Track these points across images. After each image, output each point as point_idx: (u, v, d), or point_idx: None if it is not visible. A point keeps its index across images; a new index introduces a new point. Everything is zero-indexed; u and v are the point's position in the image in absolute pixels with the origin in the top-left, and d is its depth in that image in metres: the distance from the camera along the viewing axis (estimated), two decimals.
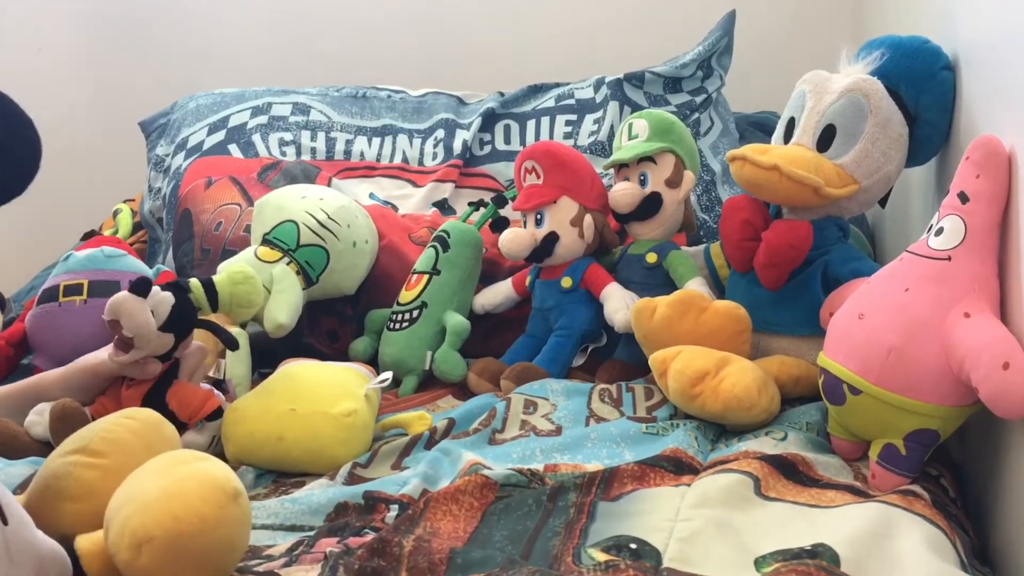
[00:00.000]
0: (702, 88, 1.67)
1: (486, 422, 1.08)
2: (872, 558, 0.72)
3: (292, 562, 0.76)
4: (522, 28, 2.10)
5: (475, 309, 1.42)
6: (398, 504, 0.89)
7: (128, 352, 1.04)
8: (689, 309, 1.12)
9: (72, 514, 0.69)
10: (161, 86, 2.10)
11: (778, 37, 2.00)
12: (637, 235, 1.33)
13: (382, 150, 1.73)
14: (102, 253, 1.41)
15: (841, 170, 1.09)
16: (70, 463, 0.74)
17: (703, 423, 1.03)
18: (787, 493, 0.86)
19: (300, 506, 0.90)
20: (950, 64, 1.10)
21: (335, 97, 1.81)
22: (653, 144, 1.30)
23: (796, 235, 1.10)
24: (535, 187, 1.33)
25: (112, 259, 1.41)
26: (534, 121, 1.70)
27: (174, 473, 0.67)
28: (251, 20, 2.19)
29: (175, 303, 1.07)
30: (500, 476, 0.89)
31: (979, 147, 0.88)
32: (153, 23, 2.21)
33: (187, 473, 0.67)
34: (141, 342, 1.04)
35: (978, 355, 0.79)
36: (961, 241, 0.87)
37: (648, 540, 0.77)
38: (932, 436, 0.87)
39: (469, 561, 0.73)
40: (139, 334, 1.04)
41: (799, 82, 1.15)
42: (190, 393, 1.08)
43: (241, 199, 1.61)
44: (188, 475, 0.67)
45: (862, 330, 0.90)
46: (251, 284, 1.18)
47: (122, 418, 0.79)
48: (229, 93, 1.84)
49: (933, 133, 1.12)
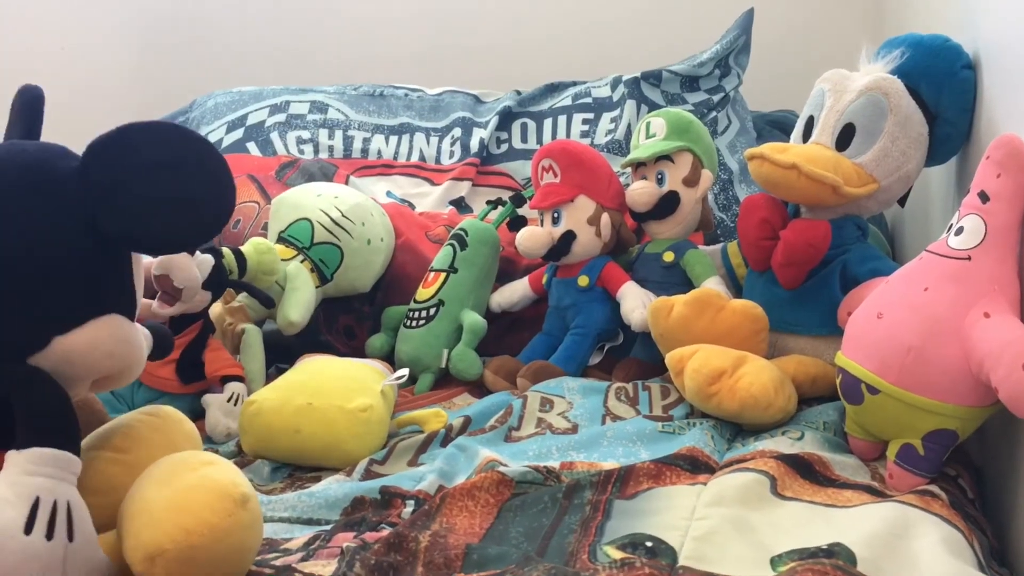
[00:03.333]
0: (720, 87, 1.66)
1: (502, 419, 1.08)
2: (889, 558, 0.72)
3: (309, 556, 0.77)
4: (539, 26, 2.10)
5: (492, 307, 1.42)
6: (414, 500, 0.90)
7: (173, 305, 1.18)
8: (706, 308, 1.11)
9: (95, 507, 0.69)
10: (180, 85, 2.11)
11: (797, 35, 1.98)
12: (654, 234, 1.33)
13: (399, 148, 1.73)
14: None
15: (860, 169, 1.09)
16: (93, 458, 0.74)
17: (719, 422, 1.02)
18: (804, 493, 0.85)
19: (317, 500, 0.91)
20: (971, 63, 1.10)
21: (352, 95, 1.81)
22: (671, 143, 1.30)
23: (815, 234, 1.09)
24: (552, 186, 1.33)
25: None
26: (551, 120, 1.71)
27: (181, 482, 0.68)
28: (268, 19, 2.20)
29: (215, 264, 1.21)
30: (516, 473, 0.89)
31: (1000, 146, 0.87)
32: (172, 23, 2.22)
33: (194, 482, 0.68)
34: (188, 295, 1.17)
35: (998, 355, 0.79)
36: (981, 241, 0.86)
37: (664, 538, 0.77)
38: (951, 436, 0.87)
39: (485, 557, 0.73)
40: (188, 286, 1.17)
41: (818, 80, 1.15)
42: (224, 355, 1.23)
43: (259, 197, 1.62)
44: (195, 485, 0.67)
45: (881, 330, 0.89)
46: (274, 254, 1.32)
47: (144, 415, 0.80)
48: (247, 91, 1.85)
49: (953, 132, 1.11)
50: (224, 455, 1.09)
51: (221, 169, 0.70)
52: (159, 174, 0.68)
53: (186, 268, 1.17)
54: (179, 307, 1.18)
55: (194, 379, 1.21)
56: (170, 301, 1.18)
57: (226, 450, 1.11)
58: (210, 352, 1.22)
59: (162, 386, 1.20)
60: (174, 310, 1.18)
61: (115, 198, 0.68)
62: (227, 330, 1.32)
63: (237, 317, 1.34)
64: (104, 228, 0.68)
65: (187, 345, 1.21)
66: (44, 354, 0.68)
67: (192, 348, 1.21)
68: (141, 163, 0.68)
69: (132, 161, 0.68)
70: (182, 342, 1.21)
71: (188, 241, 0.76)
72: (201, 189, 0.69)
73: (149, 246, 0.74)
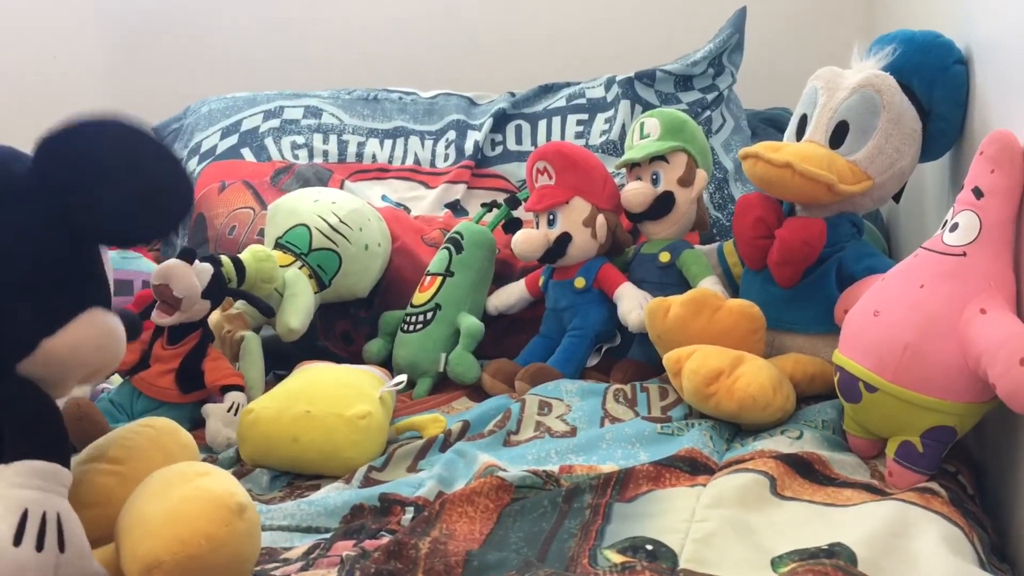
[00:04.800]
0: (713, 85, 1.66)
1: (501, 423, 1.08)
2: (890, 557, 0.72)
3: (309, 566, 0.77)
4: (532, 27, 2.10)
5: (489, 310, 1.42)
6: (414, 506, 0.90)
7: (172, 314, 1.18)
8: (703, 308, 1.11)
9: (90, 519, 0.69)
10: (173, 91, 2.11)
11: (789, 33, 1.99)
12: (650, 234, 1.33)
13: (394, 152, 1.73)
14: (118, 255, 1.45)
15: (854, 166, 1.09)
16: (88, 470, 0.74)
17: (718, 422, 1.02)
18: (803, 492, 0.85)
19: (316, 508, 0.91)
20: (963, 58, 1.10)
21: (346, 100, 1.81)
22: (665, 143, 1.30)
23: (810, 232, 1.09)
24: (547, 188, 1.33)
25: (128, 260, 1.49)
26: (545, 121, 1.70)
27: (176, 494, 0.68)
28: (261, 24, 2.20)
29: (214, 273, 1.20)
30: (515, 478, 0.89)
31: (993, 142, 0.87)
32: (165, 29, 2.22)
33: (190, 493, 0.67)
34: (187, 304, 1.17)
35: (995, 351, 0.79)
36: (976, 237, 0.86)
37: (664, 541, 0.77)
38: (949, 433, 0.87)
39: (485, 563, 0.73)
40: (188, 296, 1.17)
41: (811, 78, 1.15)
42: (224, 364, 1.22)
43: (254, 203, 1.61)
44: (191, 496, 0.67)
45: (877, 327, 0.89)
46: (273, 261, 1.32)
47: (140, 426, 0.80)
48: (241, 97, 1.85)
49: (947, 128, 1.11)
50: (223, 463, 1.09)
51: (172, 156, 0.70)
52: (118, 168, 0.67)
53: (185, 277, 1.17)
54: (178, 316, 1.18)
55: (194, 388, 1.21)
56: (169, 311, 1.18)
57: (226, 457, 1.11)
58: (210, 361, 1.22)
59: (162, 396, 1.20)
60: (173, 319, 1.18)
61: (75, 197, 0.67)
62: (226, 337, 1.32)
63: (236, 324, 1.34)
64: (70, 226, 0.68)
65: (186, 354, 1.21)
66: (33, 358, 0.67)
67: (192, 357, 1.21)
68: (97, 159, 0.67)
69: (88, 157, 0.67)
70: (181, 351, 1.21)
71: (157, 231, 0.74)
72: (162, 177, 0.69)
73: (118, 240, 0.74)
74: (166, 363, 1.20)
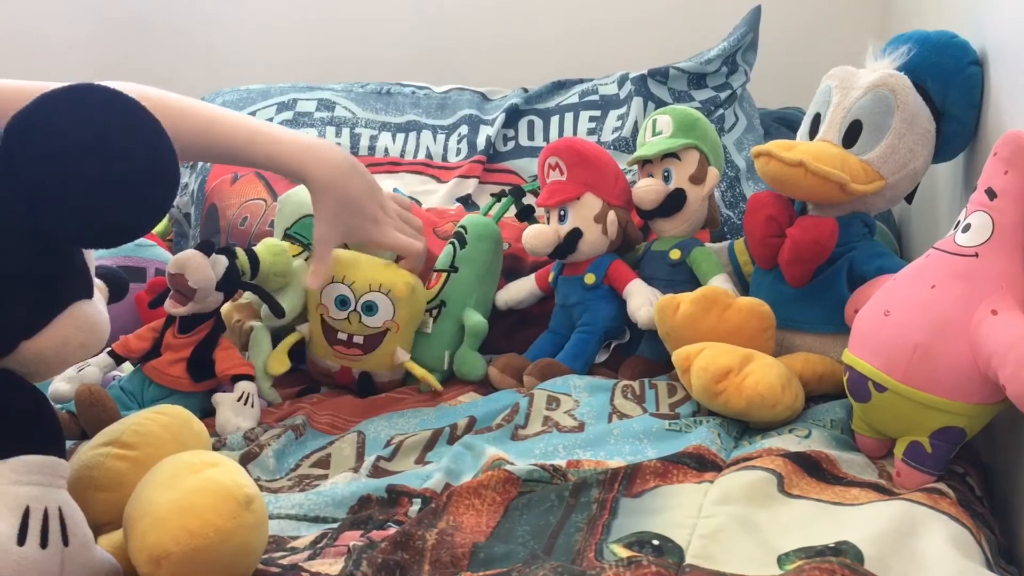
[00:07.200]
0: (727, 84, 1.66)
1: (508, 418, 1.08)
2: (896, 556, 0.72)
3: (316, 555, 0.77)
4: (545, 24, 2.10)
5: (498, 305, 1.42)
6: (421, 498, 0.90)
7: (186, 304, 1.18)
8: (713, 306, 1.11)
9: (102, 503, 0.70)
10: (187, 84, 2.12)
11: (804, 32, 1.98)
12: (661, 231, 1.33)
13: (406, 146, 1.73)
14: (133, 243, 1.45)
15: (867, 166, 1.08)
16: (101, 454, 0.75)
17: (726, 420, 1.02)
18: (811, 491, 0.85)
19: (324, 498, 0.91)
20: (978, 59, 1.09)
21: (360, 93, 1.82)
22: (677, 140, 1.30)
23: (821, 231, 1.09)
24: (558, 183, 1.33)
25: (142, 248, 1.52)
26: (558, 117, 1.70)
27: (185, 484, 0.68)
28: (276, 18, 2.21)
29: (228, 265, 1.21)
30: (523, 471, 0.89)
31: (1007, 143, 0.87)
32: (180, 21, 2.23)
33: (198, 484, 0.67)
34: (201, 295, 1.18)
35: (1005, 352, 0.78)
36: (989, 238, 0.86)
37: (671, 537, 0.77)
38: (958, 434, 0.87)
39: (492, 556, 0.73)
40: (202, 287, 1.17)
41: (825, 77, 1.14)
42: (235, 354, 1.23)
43: (267, 194, 1.62)
44: (199, 487, 0.67)
45: (888, 327, 0.89)
46: (286, 256, 1.32)
47: (153, 412, 0.81)
48: (255, 89, 1.85)
49: (960, 129, 1.11)
50: (232, 445, 1.09)
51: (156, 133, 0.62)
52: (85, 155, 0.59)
53: (202, 269, 1.17)
54: (191, 307, 1.19)
55: (205, 378, 1.22)
56: (183, 300, 1.18)
57: (234, 440, 1.10)
58: (221, 351, 1.22)
59: (172, 384, 1.21)
60: (186, 310, 1.19)
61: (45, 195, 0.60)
62: (235, 327, 1.33)
63: (245, 314, 1.35)
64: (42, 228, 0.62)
65: (198, 344, 1.22)
66: (13, 357, 0.65)
67: (203, 347, 1.22)
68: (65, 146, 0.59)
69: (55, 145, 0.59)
70: (193, 340, 1.21)
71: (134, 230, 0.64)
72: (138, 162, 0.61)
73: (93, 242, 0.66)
74: (177, 352, 1.20)
